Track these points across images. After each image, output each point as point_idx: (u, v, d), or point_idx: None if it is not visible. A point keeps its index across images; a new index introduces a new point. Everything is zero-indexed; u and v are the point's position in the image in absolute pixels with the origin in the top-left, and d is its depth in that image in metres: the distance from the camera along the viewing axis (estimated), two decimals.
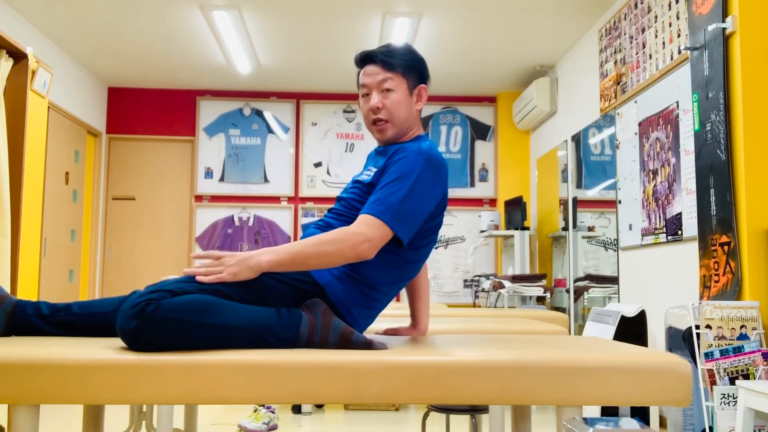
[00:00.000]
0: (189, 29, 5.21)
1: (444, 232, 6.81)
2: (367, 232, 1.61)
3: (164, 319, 1.45)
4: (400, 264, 1.76)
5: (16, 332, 1.74)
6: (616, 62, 4.57)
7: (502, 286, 5.40)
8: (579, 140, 5.26)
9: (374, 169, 1.81)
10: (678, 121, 3.65)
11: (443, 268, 6.78)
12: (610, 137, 4.64)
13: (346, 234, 1.60)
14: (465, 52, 5.64)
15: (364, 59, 1.86)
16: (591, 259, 4.96)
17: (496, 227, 6.30)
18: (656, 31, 3.96)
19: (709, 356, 2.64)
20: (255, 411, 3.73)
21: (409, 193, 1.66)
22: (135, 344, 1.47)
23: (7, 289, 3.44)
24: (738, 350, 2.63)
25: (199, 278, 1.56)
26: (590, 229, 4.98)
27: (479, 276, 6.32)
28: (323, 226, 1.78)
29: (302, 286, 1.66)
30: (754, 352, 2.62)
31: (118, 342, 1.65)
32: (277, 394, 1.45)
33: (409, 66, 1.85)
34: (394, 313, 3.33)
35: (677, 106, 3.66)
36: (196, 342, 1.48)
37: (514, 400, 1.47)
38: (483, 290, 6.02)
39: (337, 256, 1.59)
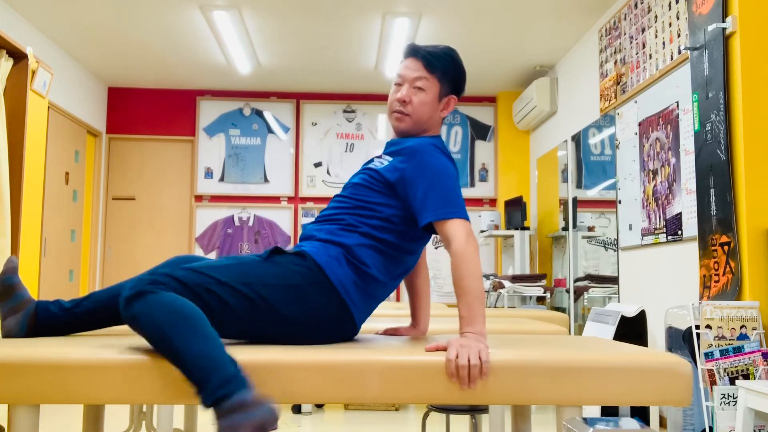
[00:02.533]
0: (189, 29, 5.21)
1: None
2: (461, 236, 1.63)
3: (150, 315, 1.47)
4: (394, 253, 1.76)
5: (39, 333, 1.75)
6: (616, 62, 4.57)
7: (502, 286, 5.40)
8: (579, 140, 5.26)
9: (388, 158, 1.82)
10: (678, 121, 3.65)
11: (443, 268, 6.77)
12: (610, 137, 4.64)
13: (465, 257, 1.61)
14: (465, 52, 5.64)
15: (410, 52, 1.88)
16: (591, 259, 4.96)
17: (496, 227, 6.30)
18: (656, 31, 3.96)
19: (709, 356, 2.64)
20: None
21: (449, 182, 1.71)
22: (136, 328, 1.49)
23: None
24: (738, 350, 2.63)
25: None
26: (590, 229, 4.98)
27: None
28: (328, 218, 1.79)
29: (302, 269, 1.66)
30: (754, 352, 2.62)
31: (117, 341, 1.65)
32: (278, 393, 1.45)
33: (448, 73, 1.87)
34: (394, 313, 3.33)
35: (677, 106, 3.66)
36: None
37: (514, 400, 1.47)
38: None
39: (479, 270, 1.62)
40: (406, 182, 1.73)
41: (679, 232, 3.58)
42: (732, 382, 2.60)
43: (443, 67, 1.86)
